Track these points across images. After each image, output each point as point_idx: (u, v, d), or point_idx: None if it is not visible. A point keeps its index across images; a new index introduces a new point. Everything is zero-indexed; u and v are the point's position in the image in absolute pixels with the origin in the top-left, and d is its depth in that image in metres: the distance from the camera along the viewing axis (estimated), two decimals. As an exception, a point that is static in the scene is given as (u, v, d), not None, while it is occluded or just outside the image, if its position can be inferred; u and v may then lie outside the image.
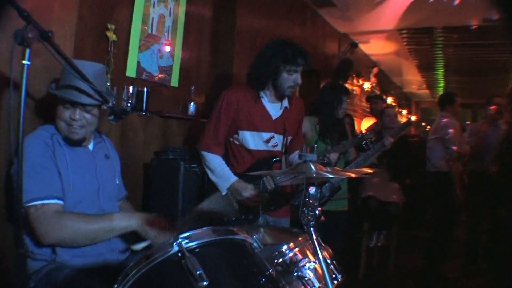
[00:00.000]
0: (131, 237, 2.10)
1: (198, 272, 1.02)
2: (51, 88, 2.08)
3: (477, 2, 5.72)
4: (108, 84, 2.91)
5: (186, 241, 1.10)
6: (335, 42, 7.58)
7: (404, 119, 12.48)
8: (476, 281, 4.81)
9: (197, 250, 1.11)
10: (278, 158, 2.95)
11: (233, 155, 2.94)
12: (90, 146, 2.21)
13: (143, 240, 2.04)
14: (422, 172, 5.70)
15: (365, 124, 7.81)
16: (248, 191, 2.73)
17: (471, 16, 6.40)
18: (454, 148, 4.89)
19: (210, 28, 4.27)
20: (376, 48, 8.63)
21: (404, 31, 7.53)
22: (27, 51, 1.52)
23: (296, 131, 3.11)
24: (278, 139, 2.93)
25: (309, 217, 1.32)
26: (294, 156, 3.11)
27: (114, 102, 2.15)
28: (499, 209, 4.05)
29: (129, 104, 2.95)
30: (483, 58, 8.80)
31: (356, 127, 7.17)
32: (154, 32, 3.47)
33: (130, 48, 3.25)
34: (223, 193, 2.78)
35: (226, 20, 4.40)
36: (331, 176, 1.43)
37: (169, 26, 3.62)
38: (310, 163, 1.35)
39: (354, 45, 7.50)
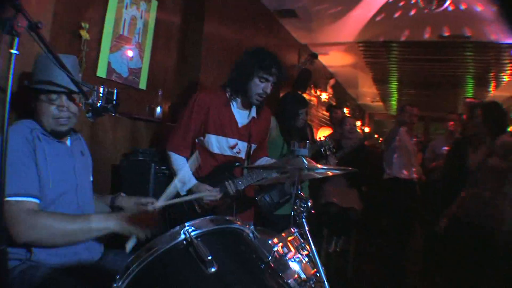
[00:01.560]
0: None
1: (208, 258, 1.04)
2: (26, 84, 2.04)
3: (432, 18, 5.99)
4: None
5: (193, 228, 1.12)
6: (295, 52, 7.73)
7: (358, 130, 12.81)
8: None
9: (199, 239, 1.12)
10: (240, 163, 3.00)
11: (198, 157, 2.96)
12: (68, 143, 2.17)
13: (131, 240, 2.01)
14: (379, 180, 5.92)
15: (321, 133, 7.98)
16: (205, 192, 2.74)
17: (426, 31, 6.68)
18: None
19: (178, 34, 4.29)
20: (334, 60, 8.86)
21: (362, 44, 7.74)
22: (16, 40, 1.51)
23: (261, 141, 3.17)
24: (242, 146, 2.99)
25: (301, 209, 1.38)
26: (260, 163, 3.17)
27: (94, 99, 2.14)
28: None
29: (98, 104, 2.93)
30: (436, 72, 9.19)
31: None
32: (125, 34, 3.46)
33: (101, 48, 3.22)
34: (182, 194, 2.77)
35: (194, 27, 4.44)
36: (323, 170, 1.49)
37: (140, 28, 3.62)
38: (303, 157, 1.40)
39: (314, 56, 7.67)
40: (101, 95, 2.98)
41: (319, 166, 1.47)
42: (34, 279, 1.80)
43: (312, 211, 1.40)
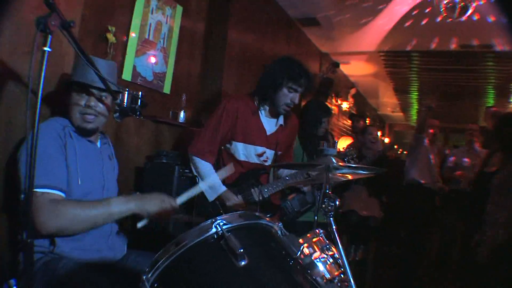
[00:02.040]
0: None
1: (240, 251, 1.04)
2: (64, 82, 2.09)
3: (454, 28, 5.95)
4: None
5: (224, 222, 1.12)
6: (316, 61, 7.74)
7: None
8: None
9: (229, 232, 1.12)
10: (266, 170, 3.00)
11: (223, 163, 2.97)
12: (98, 144, 2.21)
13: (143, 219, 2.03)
14: (398, 190, 5.87)
15: (342, 143, 7.94)
16: (232, 201, 2.76)
17: (448, 41, 6.63)
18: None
19: (202, 40, 4.34)
20: (355, 69, 8.84)
21: (383, 54, 7.72)
22: (49, 38, 1.54)
23: (287, 148, 3.16)
24: (269, 154, 2.99)
25: (329, 208, 1.37)
26: (283, 171, 3.15)
27: (121, 100, 2.17)
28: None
29: (125, 104, 2.97)
30: (457, 83, 9.10)
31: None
32: (151, 38, 3.51)
33: (127, 51, 3.27)
34: (210, 200, 2.79)
35: (217, 34, 4.49)
36: (349, 171, 1.49)
37: (165, 33, 3.66)
38: (331, 157, 1.40)
39: (336, 65, 7.65)
40: (126, 96, 3.04)
41: (347, 164, 1.47)
42: (57, 271, 1.82)
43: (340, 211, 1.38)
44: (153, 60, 3.54)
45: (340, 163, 1.43)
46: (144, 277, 1.14)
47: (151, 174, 3.13)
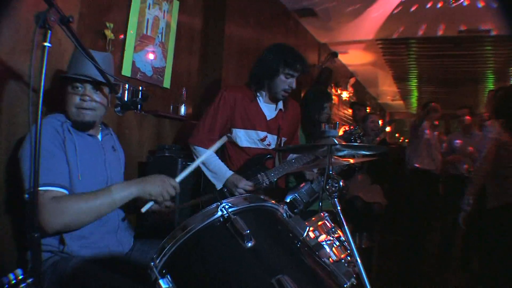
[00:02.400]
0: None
1: (246, 232, 1.05)
2: (60, 77, 2.09)
3: (451, 13, 5.95)
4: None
5: (230, 205, 1.14)
6: (315, 51, 7.74)
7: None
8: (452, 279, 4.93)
9: (235, 215, 1.13)
10: (271, 155, 3.01)
11: (227, 153, 2.99)
12: (99, 137, 2.20)
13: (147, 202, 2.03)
14: (401, 177, 5.88)
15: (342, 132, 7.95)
16: (243, 182, 2.77)
17: (445, 27, 6.62)
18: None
19: (200, 34, 4.35)
20: (354, 58, 8.84)
21: (380, 42, 7.72)
22: (49, 33, 1.55)
23: (291, 135, 3.18)
24: (271, 139, 3.01)
25: (333, 189, 1.39)
26: (291, 157, 3.17)
27: (121, 93, 2.17)
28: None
29: (126, 98, 2.99)
30: (456, 68, 9.09)
31: (336, 134, 7.32)
32: (149, 33, 3.52)
33: (126, 47, 3.29)
34: (218, 188, 2.81)
35: (215, 27, 4.49)
36: (352, 151, 1.50)
37: (162, 28, 3.68)
38: (333, 138, 1.41)
39: (334, 55, 7.66)
40: (126, 91, 3.06)
41: (349, 144, 1.49)
42: (66, 270, 1.82)
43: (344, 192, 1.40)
44: (151, 55, 3.55)
45: (343, 143, 1.45)
46: (152, 263, 1.15)
47: (154, 168, 3.14)
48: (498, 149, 3.39)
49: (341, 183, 1.42)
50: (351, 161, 1.77)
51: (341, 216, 1.39)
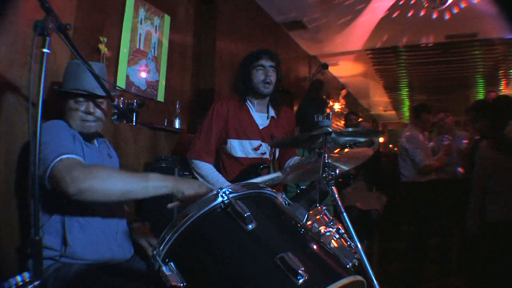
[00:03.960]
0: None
1: (247, 214, 1.08)
2: (55, 88, 2.12)
3: (437, 19, 6.06)
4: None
5: (230, 190, 1.16)
6: (305, 64, 7.84)
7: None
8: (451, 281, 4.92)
9: (236, 200, 1.15)
10: (266, 165, 3.04)
11: (222, 164, 3.02)
12: (96, 144, 2.25)
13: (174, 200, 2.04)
14: (396, 185, 5.89)
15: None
16: None
17: (432, 33, 6.73)
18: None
19: (192, 47, 4.42)
20: (344, 70, 8.94)
21: (370, 52, 7.83)
22: (47, 40, 1.60)
23: None
24: (266, 148, 3.03)
25: (330, 177, 1.42)
26: (289, 163, 3.19)
27: (119, 101, 2.21)
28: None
29: (115, 114, 3.02)
30: (445, 75, 9.21)
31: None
32: (141, 48, 3.57)
33: (119, 61, 3.33)
34: None
35: (206, 41, 4.58)
36: (348, 138, 1.53)
37: (155, 42, 3.73)
38: (328, 128, 1.45)
39: (325, 66, 7.74)
40: (121, 102, 3.10)
41: (345, 130, 1.53)
42: (69, 276, 1.83)
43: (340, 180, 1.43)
44: (145, 69, 3.60)
45: (342, 123, 1.49)
46: (155, 251, 1.17)
47: (151, 179, 3.15)
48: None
49: (337, 171, 1.46)
50: (345, 168, 1.79)
51: (340, 204, 1.42)
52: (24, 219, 2.12)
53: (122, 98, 3.18)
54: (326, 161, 1.46)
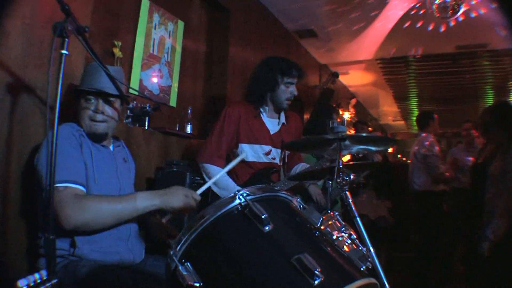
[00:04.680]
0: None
1: (265, 216, 1.09)
2: (72, 90, 2.15)
3: (448, 30, 6.06)
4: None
5: (248, 193, 1.17)
6: (316, 72, 7.85)
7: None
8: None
9: (253, 202, 1.16)
10: (276, 169, 3.05)
11: (233, 168, 3.03)
12: (111, 148, 2.26)
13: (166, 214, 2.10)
14: (405, 194, 5.87)
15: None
16: None
17: (443, 43, 6.72)
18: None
19: (204, 53, 4.46)
20: (354, 79, 8.95)
21: (380, 61, 7.83)
22: (66, 41, 1.62)
23: None
24: (276, 153, 3.05)
25: (344, 182, 1.43)
26: (295, 170, 3.22)
27: (133, 104, 2.23)
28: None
29: (129, 117, 3.06)
30: (455, 85, 9.18)
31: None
32: (155, 53, 3.61)
33: (133, 66, 3.37)
34: None
35: (219, 47, 4.62)
36: (361, 147, 1.54)
37: (168, 48, 3.77)
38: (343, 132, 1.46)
39: (335, 75, 7.73)
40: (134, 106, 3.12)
41: (358, 134, 1.54)
42: (77, 272, 1.84)
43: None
44: (158, 74, 3.63)
45: (352, 132, 1.50)
46: (171, 252, 1.17)
47: (162, 183, 3.17)
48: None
49: (351, 176, 1.46)
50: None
51: (353, 208, 1.42)
52: (32, 220, 2.13)
53: (135, 102, 3.21)
54: (340, 166, 1.46)
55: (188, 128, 3.86)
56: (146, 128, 3.30)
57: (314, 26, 6.26)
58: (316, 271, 0.96)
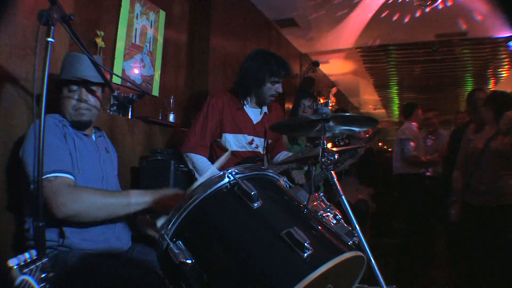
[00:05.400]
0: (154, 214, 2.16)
1: (254, 192, 1.12)
2: (55, 80, 2.15)
3: (427, 18, 6.14)
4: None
5: (236, 171, 1.21)
6: (297, 61, 7.89)
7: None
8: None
9: (242, 180, 1.19)
10: (260, 158, 3.11)
11: (217, 158, 3.06)
12: (93, 137, 2.27)
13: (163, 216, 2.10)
14: (387, 181, 5.97)
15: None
16: None
17: (422, 32, 6.81)
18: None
19: (186, 43, 4.46)
20: (335, 68, 9.01)
21: (360, 50, 7.91)
22: (52, 29, 1.64)
23: (276, 136, 3.28)
24: (259, 142, 3.10)
25: (328, 162, 1.48)
26: (278, 158, 3.28)
27: (118, 93, 2.24)
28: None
29: (114, 106, 3.07)
30: (435, 73, 9.32)
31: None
32: (137, 43, 3.60)
33: (116, 55, 3.36)
34: None
35: (201, 37, 4.62)
36: (345, 127, 1.58)
37: (150, 38, 3.77)
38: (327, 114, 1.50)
39: (316, 64, 7.74)
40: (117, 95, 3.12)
41: (341, 114, 1.58)
42: (67, 262, 1.86)
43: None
44: (140, 63, 3.63)
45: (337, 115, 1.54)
46: (163, 231, 1.20)
47: (147, 172, 3.19)
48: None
49: (335, 156, 1.51)
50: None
51: (338, 187, 1.47)
52: (18, 212, 2.13)
53: (118, 91, 3.21)
54: (325, 146, 1.51)
55: (171, 118, 3.88)
56: (130, 117, 3.31)
57: (295, 15, 6.28)
58: (306, 244, 1.00)
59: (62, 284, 1.78)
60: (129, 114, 3.30)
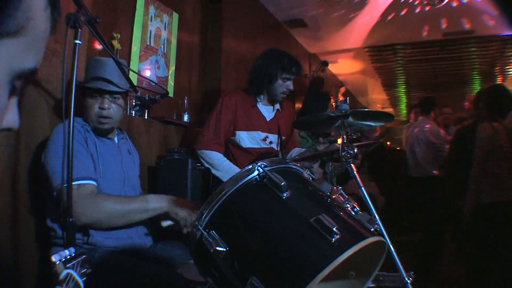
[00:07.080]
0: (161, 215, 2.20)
1: (283, 183, 1.18)
2: (79, 83, 2.21)
3: (435, 16, 6.17)
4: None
5: (265, 164, 1.27)
6: (306, 62, 7.94)
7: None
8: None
9: (271, 172, 1.25)
10: (275, 154, 3.16)
11: (233, 156, 3.13)
12: (115, 140, 2.34)
13: (170, 219, 2.13)
14: (398, 179, 5.98)
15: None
16: None
17: (430, 30, 6.83)
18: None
19: (199, 44, 4.54)
20: (343, 67, 9.05)
21: (368, 49, 7.95)
22: (79, 31, 1.70)
23: (289, 132, 3.34)
24: (273, 138, 3.17)
25: (348, 155, 1.53)
26: (291, 154, 3.34)
27: (140, 93, 2.30)
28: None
29: (137, 107, 3.13)
30: (442, 71, 9.34)
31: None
32: (152, 44, 3.67)
33: (131, 57, 3.43)
34: None
35: (213, 38, 4.70)
36: (364, 122, 1.64)
37: (164, 39, 3.84)
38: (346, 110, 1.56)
39: (325, 64, 7.79)
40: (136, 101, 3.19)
41: (360, 110, 1.64)
42: (92, 260, 1.90)
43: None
44: (155, 65, 3.70)
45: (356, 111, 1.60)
46: (196, 223, 1.26)
47: (165, 170, 3.25)
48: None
49: (355, 150, 1.57)
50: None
51: (358, 180, 1.52)
52: (42, 210, 2.18)
53: (140, 92, 3.27)
54: (345, 141, 1.57)
55: (186, 117, 3.94)
56: (146, 117, 3.38)
57: (304, 16, 6.34)
58: (334, 228, 1.06)
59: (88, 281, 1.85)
60: (146, 115, 3.37)
